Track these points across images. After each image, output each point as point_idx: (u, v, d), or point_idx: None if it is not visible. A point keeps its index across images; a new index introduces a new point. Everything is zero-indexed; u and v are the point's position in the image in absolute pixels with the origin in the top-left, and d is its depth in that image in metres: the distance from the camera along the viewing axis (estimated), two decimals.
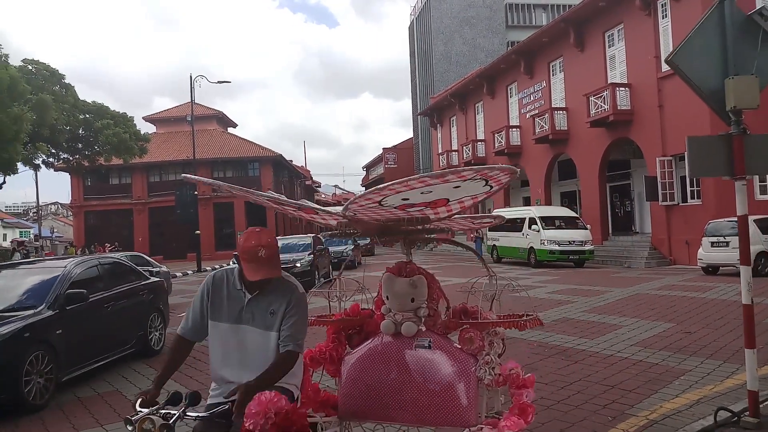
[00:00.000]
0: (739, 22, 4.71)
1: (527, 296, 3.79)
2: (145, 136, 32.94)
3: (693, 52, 4.71)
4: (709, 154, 4.68)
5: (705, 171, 4.91)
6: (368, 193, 2.67)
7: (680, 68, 4.66)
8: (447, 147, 42.15)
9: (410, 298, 3.37)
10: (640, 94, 21.99)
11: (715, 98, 4.68)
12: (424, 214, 3.22)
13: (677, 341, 7.79)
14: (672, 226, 20.91)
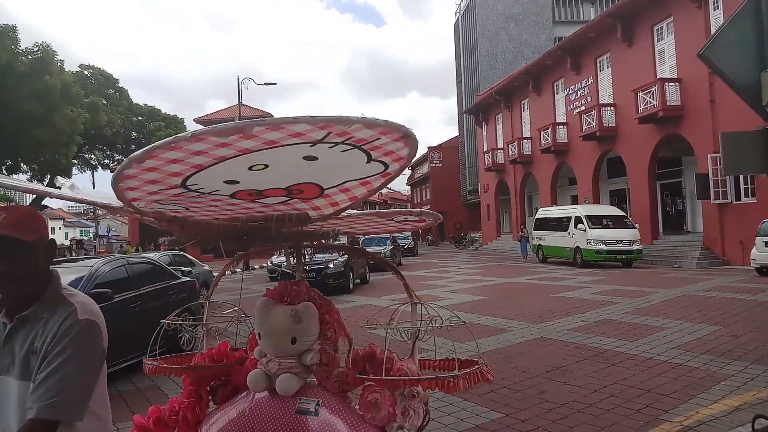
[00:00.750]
0: None
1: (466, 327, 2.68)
2: None
3: (726, 45, 4.54)
4: (745, 151, 4.51)
5: (740, 168, 4.74)
6: (131, 164, 1.59)
7: (713, 62, 4.51)
8: (492, 145, 41.74)
9: (290, 338, 2.36)
10: (691, 89, 21.27)
11: (750, 92, 4.51)
12: (298, 209, 2.37)
13: (721, 345, 7.52)
14: (725, 225, 20.15)
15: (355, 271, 17.61)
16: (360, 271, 18.77)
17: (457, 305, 12.56)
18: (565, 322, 9.74)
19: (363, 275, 19.15)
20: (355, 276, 17.76)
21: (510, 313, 11.06)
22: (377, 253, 24.85)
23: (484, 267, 24.78)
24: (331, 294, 14.52)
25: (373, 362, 2.48)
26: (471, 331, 2.91)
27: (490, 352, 7.80)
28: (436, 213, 2.32)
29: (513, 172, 38.09)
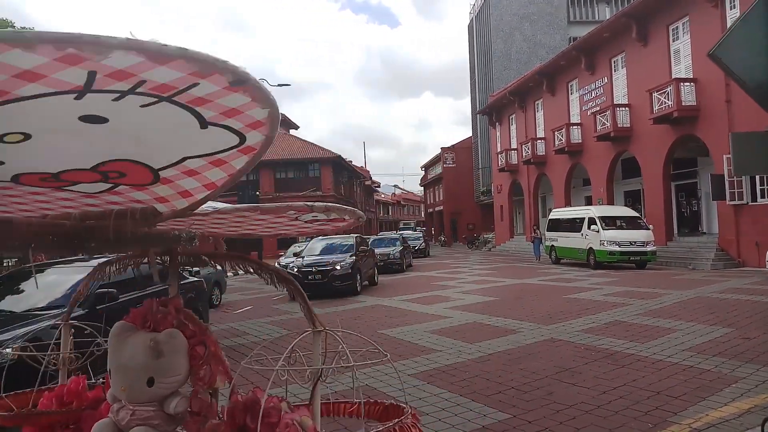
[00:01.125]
0: None
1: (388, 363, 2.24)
2: None
3: (737, 45, 4.50)
4: (756, 151, 4.47)
5: (750, 169, 4.69)
6: None
7: (723, 62, 4.47)
8: (506, 146, 41.57)
9: (146, 378, 1.80)
10: (707, 90, 21.04)
11: (760, 92, 4.46)
12: (140, 202, 1.80)
13: (734, 347, 7.45)
14: (741, 227, 19.91)
15: (363, 273, 17.13)
16: (368, 273, 18.28)
17: (468, 306, 12.56)
18: (576, 323, 9.70)
19: (371, 277, 18.73)
20: (363, 277, 17.28)
21: (521, 314, 11.03)
22: (387, 254, 23.96)
23: (497, 268, 24.70)
24: (338, 296, 14.51)
25: (256, 414, 1.83)
26: (395, 368, 2.82)
27: (500, 353, 7.79)
28: (353, 209, 1.94)
29: (526, 172, 37.91)
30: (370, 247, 21.72)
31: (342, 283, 15.63)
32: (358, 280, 16.34)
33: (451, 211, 63.13)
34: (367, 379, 6.76)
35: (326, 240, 18.41)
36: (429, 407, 5.62)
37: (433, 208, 75.32)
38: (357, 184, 63.24)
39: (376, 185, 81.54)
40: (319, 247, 18.01)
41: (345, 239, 18.19)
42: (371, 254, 19.50)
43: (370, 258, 18.88)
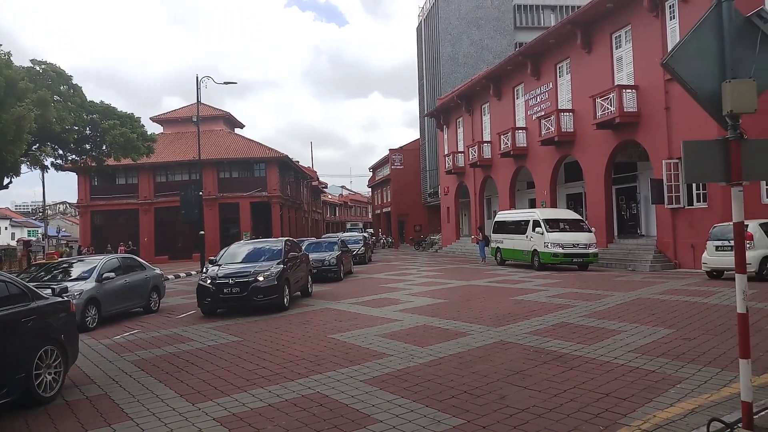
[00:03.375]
0: (737, 24, 4.60)
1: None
2: (152, 136, 33.03)
3: (689, 55, 4.60)
4: (705, 159, 4.57)
5: (700, 176, 4.81)
6: None
7: (676, 71, 4.56)
8: (453, 148, 42.05)
9: None
10: (647, 96, 21.80)
11: (711, 102, 4.58)
12: None
13: (676, 348, 7.67)
14: (678, 230, 20.71)
15: (293, 284, 14.51)
16: (300, 283, 15.61)
17: (417, 308, 12.54)
18: (524, 325, 9.80)
19: (304, 287, 16.07)
20: (294, 288, 14.77)
21: (470, 316, 11.08)
22: (321, 261, 21.18)
23: (444, 269, 24.88)
24: (260, 313, 12.88)
25: None
26: None
27: (451, 356, 7.77)
28: None
29: (473, 175, 38.43)
30: (304, 251, 19.53)
31: (265, 297, 12.96)
32: (286, 292, 13.59)
33: (398, 213, 63.40)
34: (318, 386, 6.62)
35: (250, 244, 15.89)
36: (382, 414, 5.53)
37: (380, 210, 75.48)
38: (304, 185, 62.68)
39: (324, 186, 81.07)
40: (241, 252, 14.99)
41: (272, 243, 15.54)
42: (304, 260, 16.69)
43: (302, 265, 16.07)
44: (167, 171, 45.94)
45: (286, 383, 6.83)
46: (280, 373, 7.37)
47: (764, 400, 5.25)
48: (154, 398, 6.55)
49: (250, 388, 6.73)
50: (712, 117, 4.61)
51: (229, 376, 7.34)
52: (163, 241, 44.77)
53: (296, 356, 8.29)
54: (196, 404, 6.21)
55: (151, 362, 8.50)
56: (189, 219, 30.82)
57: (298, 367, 7.63)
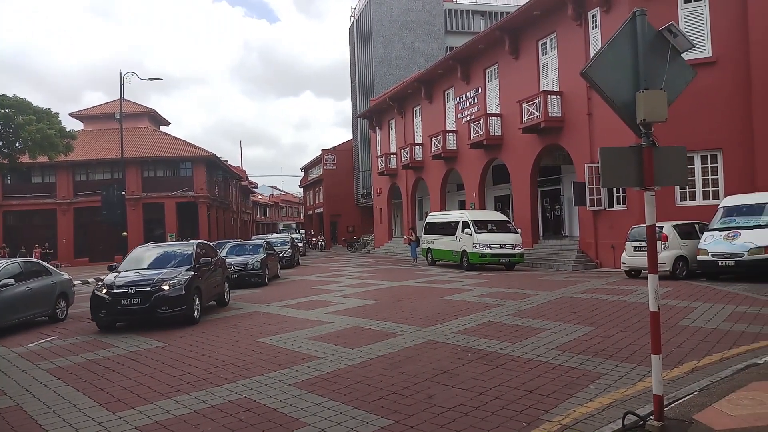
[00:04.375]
0: (650, 37, 4.85)
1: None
2: (71, 133, 31.53)
3: (606, 65, 4.81)
4: (621, 165, 4.79)
5: (616, 181, 5.04)
6: None
7: (594, 80, 4.76)
8: (386, 150, 42.32)
9: None
10: (571, 102, 22.66)
11: (626, 111, 4.80)
12: None
13: (595, 345, 8.00)
14: (599, 231, 21.63)
15: (205, 293, 12.75)
16: (214, 291, 13.86)
17: (348, 310, 12.54)
18: (452, 324, 9.98)
19: (219, 295, 14.31)
20: (207, 298, 13.09)
21: (400, 316, 11.18)
22: (243, 264, 19.70)
23: (376, 270, 25.00)
24: (164, 327, 11.30)
25: None
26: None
27: (381, 357, 7.82)
28: None
29: (405, 176, 38.82)
30: (223, 255, 19.01)
31: (171, 308, 11.29)
32: (197, 302, 12.05)
33: (331, 213, 63.18)
34: (246, 391, 6.50)
35: (158, 248, 13.97)
36: (311, 417, 5.50)
37: (312, 210, 74.98)
38: (233, 185, 61.46)
39: (254, 186, 79.75)
40: (146, 257, 13.12)
41: (182, 247, 13.77)
42: (219, 266, 14.76)
43: (217, 271, 14.32)
44: (88, 169, 43.95)
45: (212, 389, 6.67)
46: (206, 378, 7.19)
47: (675, 392, 5.58)
48: (71, 408, 6.25)
49: (174, 394, 6.54)
50: (627, 125, 4.84)
51: (153, 383, 7.10)
52: (84, 242, 42.79)
53: (223, 361, 8.11)
54: (117, 413, 5.97)
55: (69, 370, 8.11)
56: (111, 220, 29.60)
57: (225, 372, 7.47)
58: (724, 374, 6.09)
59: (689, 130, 17.67)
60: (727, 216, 15.40)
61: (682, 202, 19.06)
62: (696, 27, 18.70)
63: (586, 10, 21.78)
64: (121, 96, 29.75)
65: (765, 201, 14.83)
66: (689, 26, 18.63)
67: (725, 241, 14.59)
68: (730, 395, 5.32)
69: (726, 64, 18.35)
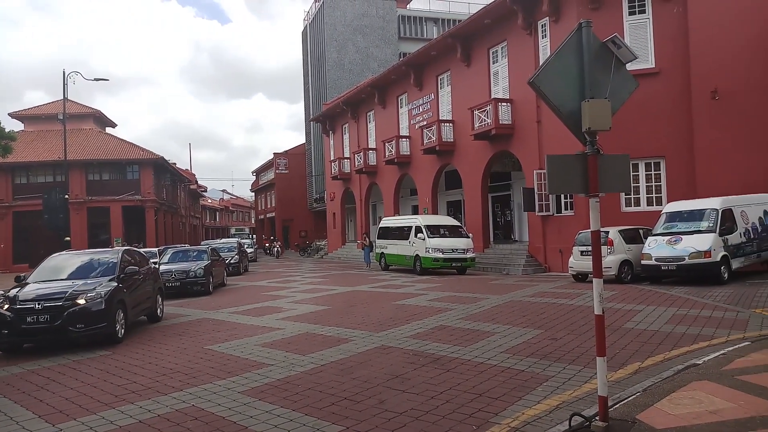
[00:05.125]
0: (595, 48, 4.99)
1: None
2: (10, 134, 30.29)
3: (553, 75, 4.93)
4: (567, 172, 4.91)
5: (562, 188, 5.16)
6: None
7: (541, 89, 4.86)
8: (339, 154, 42.24)
9: None
10: (521, 110, 23.12)
11: (572, 119, 4.93)
12: None
13: (544, 347, 8.16)
14: (547, 236, 22.11)
15: (131, 307, 11.16)
16: (144, 306, 12.19)
17: (300, 316, 12.44)
18: (405, 329, 10.02)
19: (150, 309, 12.61)
20: (134, 313, 11.43)
21: (353, 322, 11.15)
22: (185, 272, 18.31)
23: (329, 276, 24.89)
24: (78, 351, 9.82)
25: None
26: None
27: (333, 363, 7.77)
28: None
29: (359, 181, 38.82)
30: (165, 261, 18.39)
31: (87, 326, 9.71)
32: (121, 318, 10.51)
33: (283, 218, 62.62)
34: (193, 399, 6.36)
35: (77, 256, 12.21)
36: (261, 425, 5.42)
37: (264, 215, 74.16)
38: (181, 188, 60.18)
39: (203, 189, 78.27)
40: (63, 267, 11.40)
41: (105, 255, 11.88)
42: (151, 276, 13.13)
43: (148, 282, 12.65)
44: (28, 172, 42.23)
45: (159, 397, 6.50)
46: (153, 387, 7.00)
47: (619, 393, 5.74)
48: (8, 421, 5.98)
49: (119, 404, 6.34)
50: (573, 133, 4.97)
51: (96, 393, 6.87)
52: (23, 248, 41.00)
53: (170, 369, 7.92)
54: (57, 425, 5.75)
55: (5, 381, 7.77)
56: (52, 224, 28.57)
57: (172, 380, 7.29)
58: (665, 375, 6.30)
59: (633, 138, 18.30)
60: (669, 221, 15.98)
61: (627, 208, 19.67)
62: (640, 39, 19.38)
63: (536, 20, 22.30)
64: (64, 96, 28.79)
65: (705, 207, 15.46)
66: (634, 38, 19.31)
67: (668, 246, 15.13)
68: (671, 395, 5.51)
69: (668, 74, 19.08)
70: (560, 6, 21.07)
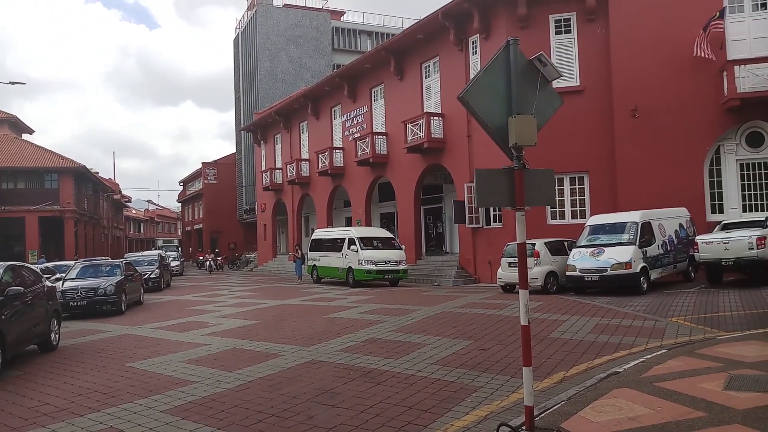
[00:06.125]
0: (521, 65, 5.12)
1: None
2: None
3: (482, 91, 5.02)
4: (494, 186, 5.00)
5: (490, 201, 5.25)
6: None
7: (470, 105, 4.94)
8: (271, 164, 41.68)
9: None
10: (452, 124, 23.55)
11: (500, 134, 5.02)
12: None
13: (473, 358, 8.26)
14: (477, 247, 22.55)
15: (14, 335, 9.07)
16: (33, 332, 10.09)
17: (227, 331, 12.11)
18: (335, 342, 9.91)
19: (42, 337, 10.57)
20: (17, 342, 9.32)
21: (282, 336, 10.95)
22: (93, 289, 16.18)
23: (259, 289, 24.42)
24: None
25: None
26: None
27: (260, 379, 7.58)
28: None
29: (291, 192, 38.40)
30: (73, 276, 17.26)
31: None
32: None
33: (211, 229, 61.03)
34: (112, 420, 6.04)
35: None
36: None
37: (191, 226, 72.09)
38: (104, 198, 57.80)
39: (127, 200, 75.42)
40: None
41: None
42: (43, 297, 10.89)
43: (39, 304, 10.55)
44: None
45: (75, 419, 6.14)
46: (68, 408, 6.61)
47: (545, 402, 5.85)
48: None
49: (28, 428, 5.94)
50: (500, 148, 5.06)
51: (3, 417, 6.41)
52: None
53: (87, 388, 7.50)
54: None
55: None
56: None
57: (89, 400, 6.91)
58: (589, 383, 6.48)
59: (559, 153, 18.95)
60: (592, 234, 16.61)
61: (553, 221, 20.34)
62: (566, 58, 20.19)
63: (467, 37, 22.83)
64: None
65: (625, 220, 16.17)
66: (560, 57, 20.09)
67: (591, 258, 15.71)
68: (593, 403, 5.67)
69: (592, 92, 19.95)
70: (490, 24, 21.67)
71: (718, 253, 15.39)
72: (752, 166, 18.94)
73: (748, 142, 18.93)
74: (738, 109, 18.31)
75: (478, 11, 21.50)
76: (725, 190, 19.11)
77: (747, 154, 18.93)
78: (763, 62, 18.00)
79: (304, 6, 55.68)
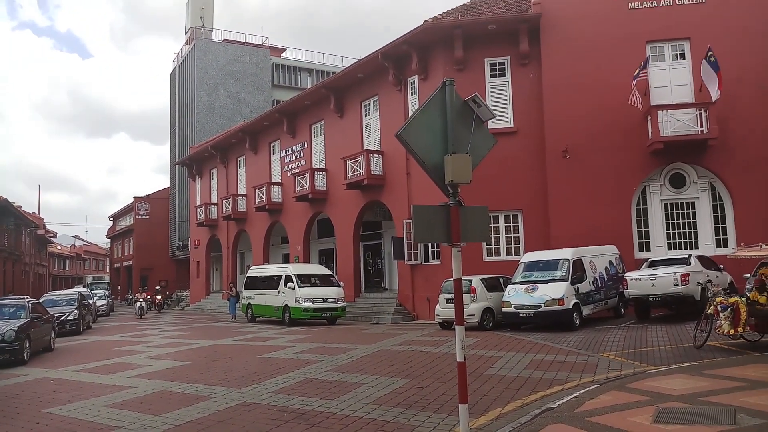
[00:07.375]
0: (457, 106, 5.24)
1: None
2: None
3: (419, 129, 5.09)
4: (431, 222, 5.03)
5: (427, 237, 5.28)
6: None
7: (408, 143, 5.00)
8: (206, 200, 40.82)
9: None
10: (391, 161, 23.80)
11: (437, 172, 5.09)
12: None
13: (410, 397, 8.17)
14: (416, 284, 22.62)
15: None
16: None
17: (155, 373, 11.57)
18: (269, 384, 9.61)
19: None
20: None
21: (213, 378, 10.55)
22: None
23: (190, 329, 23.59)
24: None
25: None
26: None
27: (189, 423, 7.23)
28: None
29: (226, 228, 37.63)
30: None
31: None
32: None
33: (141, 266, 58.84)
34: None
35: None
36: None
37: (121, 263, 69.31)
38: (27, 234, 54.95)
39: (52, 235, 71.89)
40: None
41: None
42: None
43: None
44: None
45: None
46: None
47: None
48: None
49: None
50: (437, 185, 5.12)
51: None
52: None
53: None
54: None
55: None
56: None
57: None
58: (524, 420, 6.50)
59: (494, 192, 19.39)
60: (527, 270, 16.96)
61: (488, 258, 20.68)
62: (501, 100, 20.90)
63: (406, 77, 23.32)
64: None
65: (558, 257, 16.61)
66: (495, 98, 20.77)
67: (525, 294, 16.00)
68: None
69: (525, 133, 20.65)
70: (428, 65, 22.24)
71: (645, 289, 16.00)
72: (675, 205, 19.92)
73: (672, 183, 19.95)
74: (662, 152, 19.31)
75: (416, 53, 22.05)
76: (651, 229, 19.98)
77: (671, 195, 19.92)
78: (684, 108, 19.18)
79: (244, 42, 55.71)
